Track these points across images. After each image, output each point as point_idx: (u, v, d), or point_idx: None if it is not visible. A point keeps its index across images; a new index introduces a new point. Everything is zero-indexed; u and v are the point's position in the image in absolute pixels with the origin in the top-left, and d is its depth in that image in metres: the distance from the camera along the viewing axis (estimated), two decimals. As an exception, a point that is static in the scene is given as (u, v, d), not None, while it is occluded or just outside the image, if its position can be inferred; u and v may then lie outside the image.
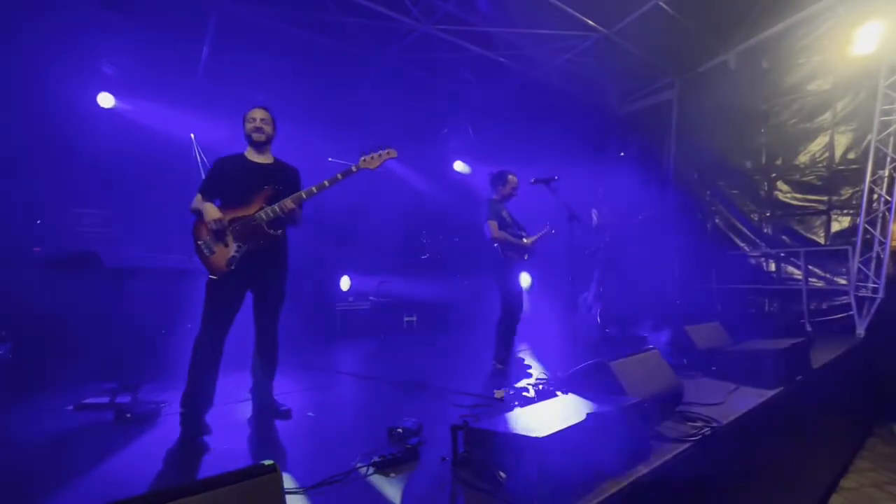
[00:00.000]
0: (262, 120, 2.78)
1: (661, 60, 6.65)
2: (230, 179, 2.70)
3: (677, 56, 6.55)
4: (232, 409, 2.94)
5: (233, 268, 2.58)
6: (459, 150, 9.02)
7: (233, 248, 2.59)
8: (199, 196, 2.69)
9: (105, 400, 2.88)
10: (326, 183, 2.72)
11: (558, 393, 2.71)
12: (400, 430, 2.31)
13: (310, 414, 2.84)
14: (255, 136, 2.76)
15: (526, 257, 4.14)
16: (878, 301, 5.22)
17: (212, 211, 2.59)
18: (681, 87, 6.99)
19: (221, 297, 2.60)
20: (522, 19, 5.61)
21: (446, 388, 3.33)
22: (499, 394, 3.08)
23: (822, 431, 3.62)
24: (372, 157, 2.86)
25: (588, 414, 1.87)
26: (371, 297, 6.61)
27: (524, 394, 3.03)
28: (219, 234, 2.59)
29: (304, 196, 2.69)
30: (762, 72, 6.13)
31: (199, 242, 2.61)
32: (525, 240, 4.15)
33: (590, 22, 5.67)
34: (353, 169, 2.80)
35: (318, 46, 5.98)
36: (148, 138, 5.79)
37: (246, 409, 2.90)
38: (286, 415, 2.76)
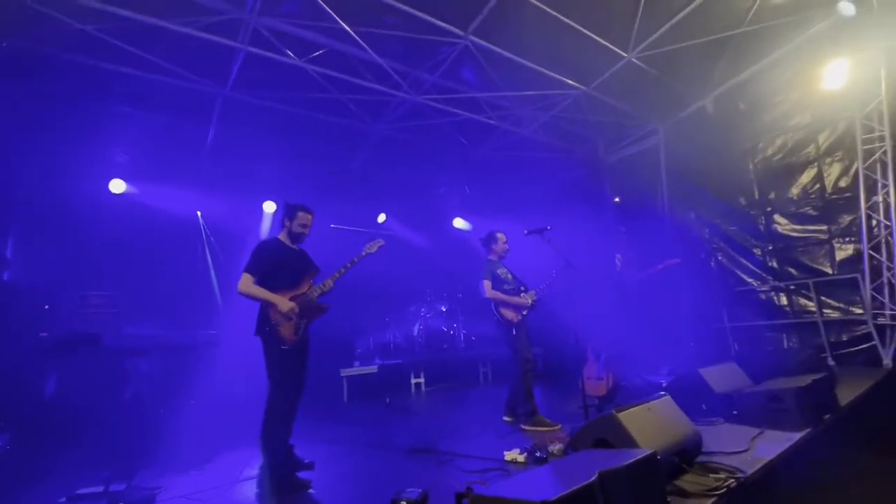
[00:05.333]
0: (309, 228, 3.31)
1: (642, 110, 6.95)
2: (278, 263, 3.14)
3: (657, 105, 6.84)
4: (237, 489, 2.81)
5: (299, 336, 3.07)
6: (458, 207, 9.25)
7: (295, 321, 3.05)
8: (248, 277, 3.03)
9: (99, 489, 2.77)
10: (349, 265, 3.32)
11: (568, 451, 2.57)
12: (404, 503, 2.18)
13: (311, 490, 2.71)
14: (301, 235, 3.28)
15: (524, 313, 4.11)
16: (899, 328, 5.04)
17: (284, 302, 3.02)
18: (665, 133, 7.23)
19: (290, 363, 3.03)
20: (505, 83, 5.97)
21: (454, 453, 3.18)
22: (509, 455, 2.93)
23: (860, 475, 3.34)
24: (371, 245, 3.50)
25: (598, 472, 1.77)
26: (377, 360, 6.49)
27: (536, 454, 2.87)
28: (292, 315, 3.04)
29: (336, 276, 3.24)
30: (740, 113, 6.36)
31: (278, 317, 3.01)
32: (524, 295, 4.15)
33: (569, 81, 6.02)
34: (363, 254, 3.43)
35: (316, 122, 6.35)
36: (156, 219, 6.04)
37: (249, 488, 2.78)
38: (310, 467, 3.05)
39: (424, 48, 5.22)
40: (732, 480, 2.18)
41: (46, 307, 4.74)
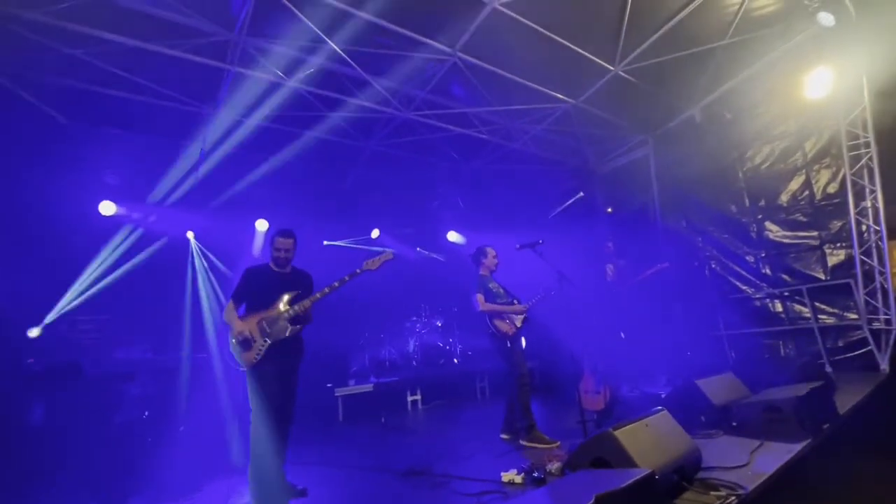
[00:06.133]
0: (286, 251, 3.25)
1: (631, 121, 7.02)
2: (257, 287, 3.21)
3: (646, 116, 6.92)
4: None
5: (259, 359, 3.03)
6: (452, 221, 9.25)
7: (259, 343, 3.04)
8: (230, 304, 3.19)
9: (84, 523, 2.68)
10: (336, 284, 3.17)
11: (566, 471, 2.52)
12: (397, 531, 2.12)
13: (303, 519, 2.63)
14: (281, 260, 3.25)
15: (518, 324, 4.09)
16: (895, 333, 5.03)
17: (237, 325, 3.08)
18: (654, 143, 7.31)
19: (258, 384, 3.03)
20: (494, 98, 6.02)
21: (451, 475, 3.11)
22: (506, 477, 2.87)
23: (862, 484, 3.30)
24: (373, 261, 3.32)
25: (595, 496, 1.72)
26: (373, 378, 6.41)
27: (534, 475, 2.81)
28: (248, 339, 3.05)
29: (317, 297, 3.17)
30: (727, 122, 6.44)
31: (233, 341, 3.08)
32: (517, 316, 4.12)
33: (557, 95, 6.08)
34: (358, 272, 3.26)
35: (307, 139, 6.36)
36: (146, 241, 5.98)
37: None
38: (303, 493, 3.02)
39: (413, 65, 5.26)
40: (733, 498, 2.14)
41: (33, 334, 4.64)
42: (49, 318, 4.99)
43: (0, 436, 3.51)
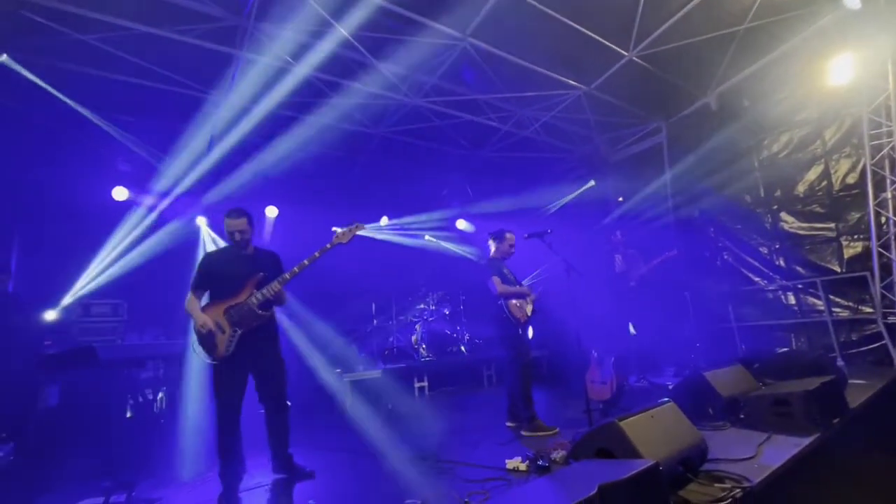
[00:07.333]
0: (240, 232, 3.02)
1: (644, 108, 6.88)
2: (219, 273, 3.01)
3: (660, 103, 6.77)
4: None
5: (231, 350, 2.87)
6: (461, 209, 9.22)
7: (229, 334, 2.88)
8: (191, 295, 2.98)
9: (99, 500, 2.77)
10: (306, 262, 2.99)
11: (570, 460, 2.53)
12: (402, 516, 2.15)
13: (311, 502, 2.68)
14: (237, 242, 3.04)
15: (529, 312, 4.06)
16: (910, 327, 4.94)
17: (199, 317, 2.88)
18: (668, 130, 7.16)
19: (225, 379, 2.89)
20: (505, 85, 5.93)
21: (456, 461, 3.14)
22: (511, 464, 2.89)
23: (871, 480, 3.27)
24: (343, 233, 3.10)
25: (598, 486, 1.73)
26: (380, 365, 6.47)
27: (538, 462, 2.83)
28: (212, 331, 2.87)
29: (287, 277, 2.99)
30: (744, 109, 6.27)
31: (197, 334, 2.91)
32: (529, 297, 4.10)
33: (569, 81, 5.96)
34: (328, 246, 3.07)
35: (317, 126, 6.33)
36: (158, 226, 6.05)
37: (248, 498, 2.79)
38: (310, 475, 3.07)
39: (422, 50, 5.18)
40: (738, 490, 2.13)
41: (49, 317, 4.75)
42: (65, 301, 5.10)
43: (17, 416, 3.63)
